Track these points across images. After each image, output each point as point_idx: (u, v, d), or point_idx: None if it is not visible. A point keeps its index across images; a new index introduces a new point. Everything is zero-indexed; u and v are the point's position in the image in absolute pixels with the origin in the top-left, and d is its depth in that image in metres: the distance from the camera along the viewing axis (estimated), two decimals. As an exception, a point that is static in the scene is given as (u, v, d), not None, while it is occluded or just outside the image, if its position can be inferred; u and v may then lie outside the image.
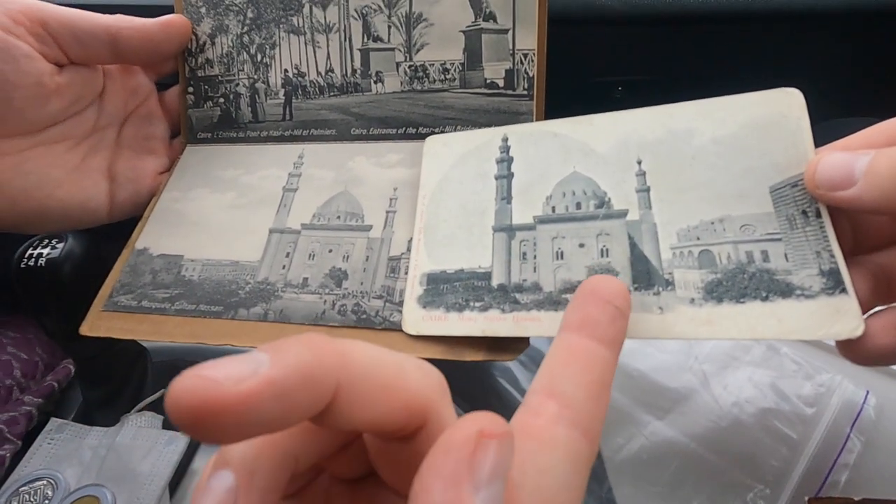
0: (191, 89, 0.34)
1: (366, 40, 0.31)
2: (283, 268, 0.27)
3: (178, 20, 0.32)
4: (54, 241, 0.31)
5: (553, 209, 0.24)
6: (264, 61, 0.33)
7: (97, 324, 0.27)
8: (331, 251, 0.27)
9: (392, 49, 0.31)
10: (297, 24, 0.32)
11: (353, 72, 0.31)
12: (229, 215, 0.30)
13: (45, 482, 0.31)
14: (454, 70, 0.30)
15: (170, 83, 0.35)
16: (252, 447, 0.13)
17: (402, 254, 0.26)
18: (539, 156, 0.26)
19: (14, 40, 0.26)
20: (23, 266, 0.30)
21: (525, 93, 0.29)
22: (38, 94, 0.27)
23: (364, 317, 0.25)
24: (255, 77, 0.33)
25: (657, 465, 0.28)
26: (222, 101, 0.33)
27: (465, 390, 0.32)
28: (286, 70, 0.32)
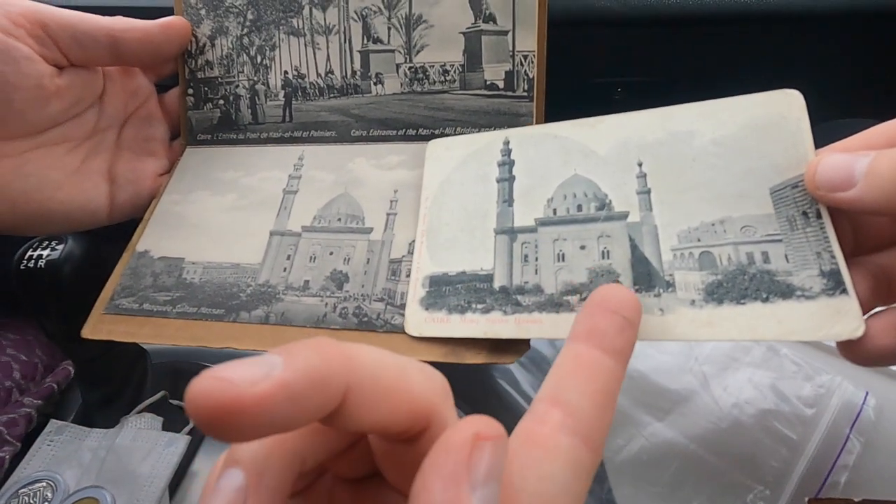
0: (191, 91, 0.34)
1: (366, 42, 0.31)
2: (285, 270, 0.27)
3: (177, 22, 0.32)
4: (54, 243, 0.31)
5: (554, 211, 0.24)
6: (264, 63, 0.33)
7: (99, 327, 0.27)
8: (331, 254, 0.27)
9: (392, 51, 0.31)
10: (296, 26, 0.32)
11: (353, 73, 0.31)
12: (230, 217, 0.30)
13: (44, 484, 0.31)
14: (454, 71, 0.30)
15: (170, 85, 0.35)
16: (262, 447, 0.14)
17: (403, 256, 0.26)
18: (540, 158, 0.26)
19: (14, 42, 0.26)
20: (22, 267, 0.30)
21: (525, 94, 0.29)
22: (39, 96, 0.27)
23: (365, 319, 0.25)
24: (255, 79, 0.33)
25: (657, 465, 0.28)
26: (222, 102, 0.33)
27: (465, 392, 0.32)
28: (286, 72, 0.32)
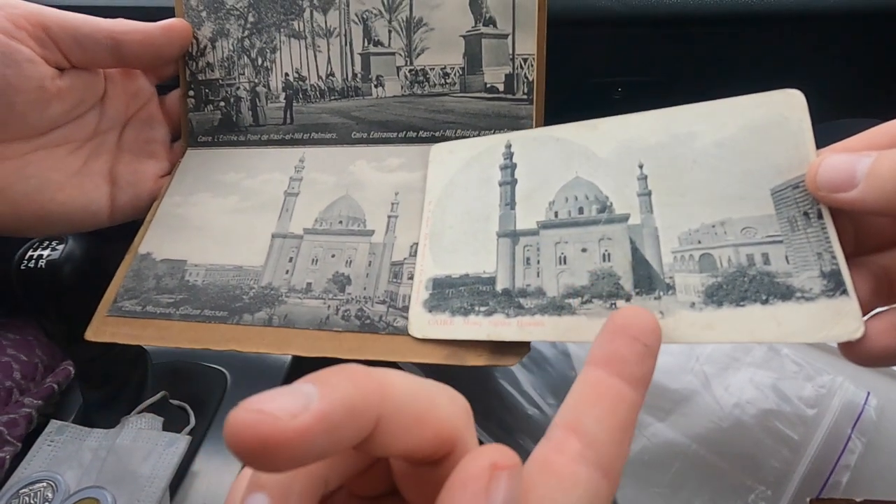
0: (191, 93, 0.34)
1: (366, 45, 0.31)
2: (287, 273, 0.27)
3: (178, 24, 0.32)
4: (54, 243, 0.31)
5: (556, 214, 0.25)
6: (265, 65, 0.33)
7: (102, 329, 0.27)
8: (333, 256, 0.27)
9: (392, 53, 0.31)
10: (297, 29, 0.32)
11: (354, 76, 0.31)
12: (232, 220, 0.30)
13: (44, 484, 0.31)
14: (454, 74, 0.30)
15: (171, 86, 0.35)
16: (286, 472, 0.14)
17: (405, 259, 0.26)
18: (542, 161, 0.26)
19: (16, 45, 0.26)
20: (23, 268, 0.30)
21: (525, 97, 0.29)
22: (40, 98, 0.27)
23: (367, 322, 0.25)
24: (256, 81, 0.33)
25: (659, 466, 0.28)
26: (223, 104, 0.33)
27: (467, 392, 0.32)
28: (287, 74, 0.32)
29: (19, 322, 0.38)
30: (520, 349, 0.23)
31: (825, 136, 0.23)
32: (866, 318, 0.19)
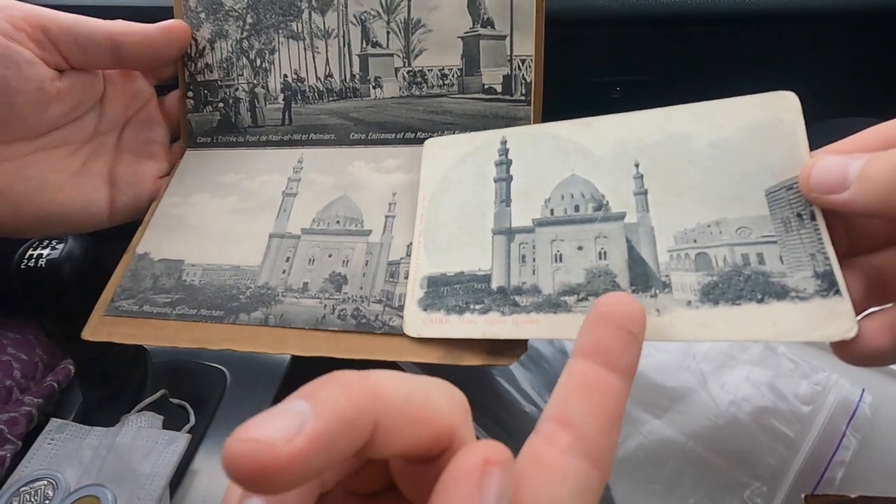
0: (190, 94, 0.34)
1: (364, 46, 0.31)
2: (284, 272, 0.27)
3: (177, 25, 0.32)
4: (54, 242, 0.32)
5: (552, 212, 0.25)
6: (264, 66, 0.33)
7: (99, 328, 0.27)
8: (330, 256, 0.27)
9: (391, 55, 0.31)
10: (296, 30, 0.32)
11: (352, 77, 0.32)
12: (230, 220, 0.30)
13: (45, 482, 0.31)
14: (452, 76, 0.30)
15: (170, 87, 0.35)
16: None
17: (402, 258, 0.26)
18: (538, 158, 0.26)
19: (15, 46, 0.26)
20: (23, 267, 0.30)
21: (523, 98, 0.29)
22: (39, 100, 0.28)
23: (364, 321, 0.25)
24: (255, 82, 0.33)
25: (655, 463, 0.28)
26: (222, 105, 0.34)
27: (465, 390, 0.32)
28: (285, 75, 0.33)
29: (19, 321, 0.38)
30: (517, 348, 0.23)
31: (823, 135, 0.23)
32: (859, 318, 0.19)
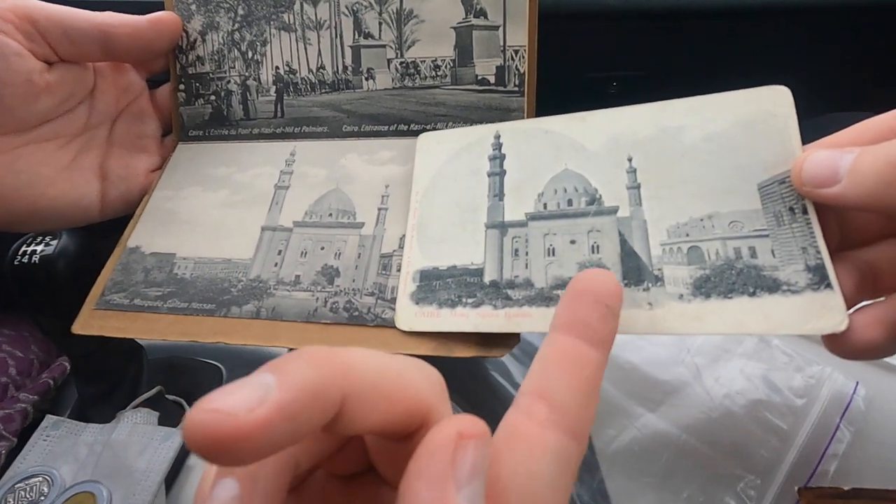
0: (182, 87, 0.34)
1: (357, 37, 0.31)
2: (276, 265, 0.27)
3: (168, 17, 0.32)
4: (48, 238, 0.31)
5: (545, 206, 0.25)
6: (255, 58, 0.33)
7: (89, 322, 0.27)
8: (323, 248, 0.27)
9: (383, 46, 0.31)
10: (287, 21, 0.32)
11: (345, 69, 0.31)
12: (221, 213, 0.30)
13: (40, 479, 0.31)
14: (445, 67, 0.30)
15: (161, 81, 0.35)
16: None
17: (394, 251, 0.26)
18: (531, 153, 0.26)
19: (3, 38, 0.26)
20: (16, 263, 0.30)
21: (516, 89, 0.29)
22: (29, 92, 0.27)
23: (356, 314, 0.25)
24: (247, 74, 0.33)
25: (649, 456, 0.28)
26: (213, 98, 0.33)
27: (458, 385, 0.32)
28: (277, 67, 0.32)
29: (14, 318, 0.38)
30: (509, 341, 0.23)
31: (819, 130, 0.23)
32: (851, 311, 0.19)
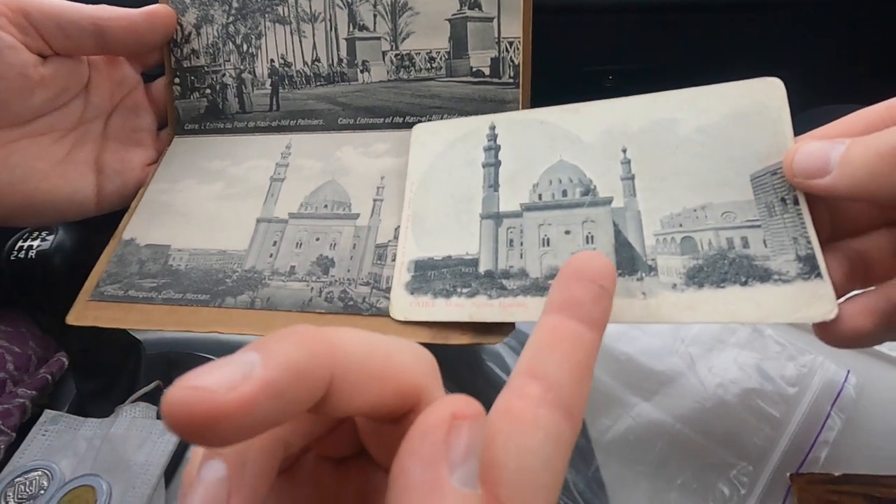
0: (177, 80, 0.34)
1: (351, 29, 0.31)
2: (271, 256, 0.27)
3: (162, 10, 0.32)
4: (44, 233, 0.31)
5: (539, 196, 0.25)
6: (250, 51, 0.33)
7: (84, 313, 0.27)
8: (318, 239, 0.27)
9: (378, 38, 0.31)
10: (282, 14, 0.32)
11: (340, 61, 0.31)
12: (217, 206, 0.30)
13: (39, 473, 0.32)
14: (440, 59, 0.30)
15: (156, 75, 0.35)
16: None
17: (389, 241, 0.26)
18: (526, 144, 0.26)
19: None
20: (13, 258, 0.30)
21: (511, 81, 0.29)
22: (23, 86, 0.27)
23: (351, 303, 0.25)
24: (242, 67, 0.33)
25: (643, 445, 0.28)
26: (209, 91, 0.33)
27: (454, 374, 0.33)
28: (272, 60, 0.32)
29: (12, 314, 0.38)
30: (504, 328, 0.23)
31: (813, 122, 0.23)
32: (841, 300, 0.19)
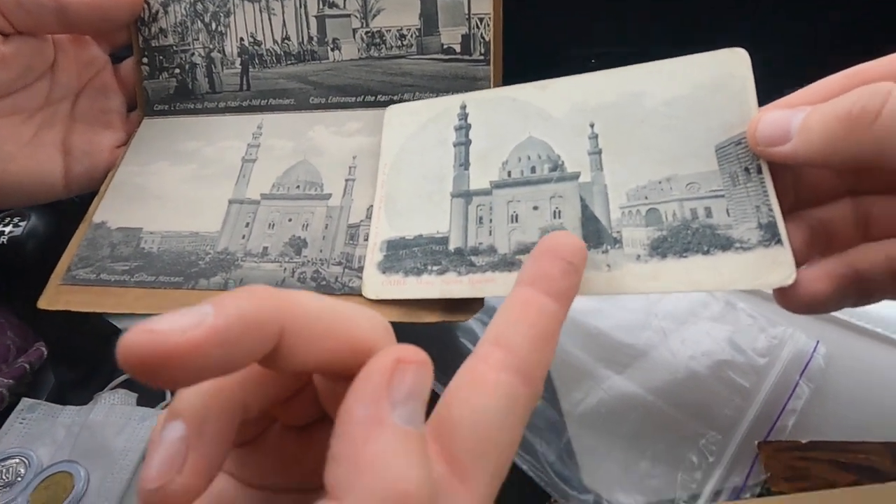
0: (145, 60, 0.33)
1: (321, 6, 0.31)
2: (243, 238, 0.27)
3: None
4: (16, 220, 0.31)
5: (509, 174, 0.25)
6: (219, 30, 0.32)
7: (55, 298, 0.27)
8: (290, 220, 0.27)
9: (348, 15, 0.30)
10: (250, -9, 0.31)
11: (310, 39, 0.31)
12: (189, 187, 0.29)
13: (17, 460, 0.32)
14: (411, 36, 0.30)
15: (126, 56, 0.34)
16: (201, 398, 0.14)
17: (361, 221, 0.26)
18: (497, 122, 0.26)
19: None
20: (-17, 245, 0.29)
21: (482, 58, 0.29)
22: None
23: (323, 283, 0.25)
24: (211, 46, 0.32)
25: (615, 417, 0.29)
26: (178, 71, 0.33)
27: (429, 351, 0.33)
28: (242, 38, 0.32)
29: (-11, 304, 0.38)
30: (473, 305, 0.23)
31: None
32: (803, 268, 0.20)
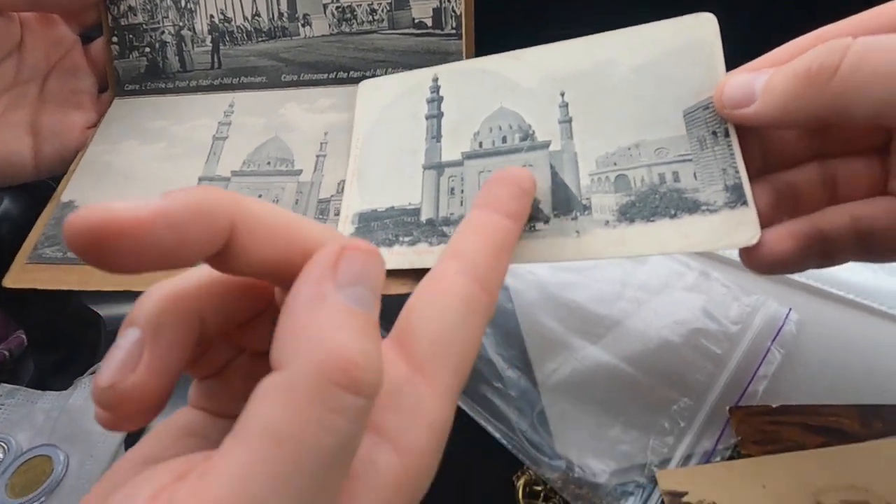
0: (115, 39, 0.33)
1: (291, -19, 0.30)
2: (214, 214, 0.27)
3: None
4: (-11, 204, 0.31)
5: (480, 144, 0.25)
6: (189, 7, 0.32)
7: (21, 276, 0.27)
8: (260, 196, 0.27)
9: None
10: (218, -34, 0.31)
11: (280, 15, 0.31)
12: (159, 166, 0.29)
13: (-5, 446, 0.31)
14: (382, 10, 0.30)
15: (96, 36, 0.34)
16: (156, 307, 0.14)
17: (332, 196, 0.26)
18: (468, 94, 0.26)
19: None
20: (-44, 230, 0.29)
21: (454, 31, 0.29)
22: None
23: (295, 257, 0.25)
24: (181, 24, 0.32)
25: (588, 385, 0.29)
26: (148, 50, 0.32)
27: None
28: (212, 16, 0.31)
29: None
30: None
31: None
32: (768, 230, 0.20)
